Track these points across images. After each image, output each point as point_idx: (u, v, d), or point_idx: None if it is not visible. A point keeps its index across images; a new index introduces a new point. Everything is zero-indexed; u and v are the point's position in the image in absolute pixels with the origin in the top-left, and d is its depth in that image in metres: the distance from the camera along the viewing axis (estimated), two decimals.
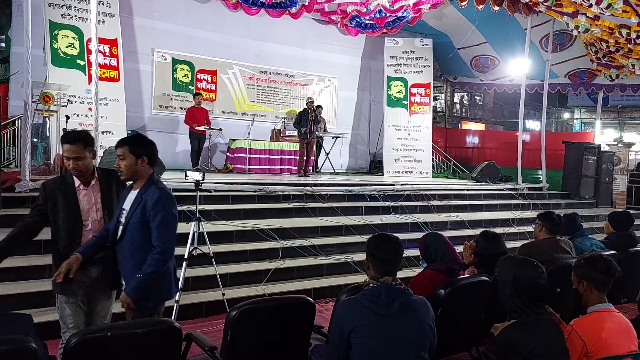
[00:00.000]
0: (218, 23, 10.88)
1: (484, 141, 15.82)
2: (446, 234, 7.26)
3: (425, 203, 8.47)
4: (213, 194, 6.91)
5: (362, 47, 13.18)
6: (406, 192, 8.54)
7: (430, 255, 3.44)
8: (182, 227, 5.45)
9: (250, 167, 10.32)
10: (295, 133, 10.77)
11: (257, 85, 11.82)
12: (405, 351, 2.34)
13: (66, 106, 6.62)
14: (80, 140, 2.97)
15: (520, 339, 2.42)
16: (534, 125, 25.99)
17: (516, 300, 2.51)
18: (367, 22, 11.54)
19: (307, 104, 10.28)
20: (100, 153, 7.06)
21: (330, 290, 5.46)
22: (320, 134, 11.42)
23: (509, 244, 4.34)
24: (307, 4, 10.40)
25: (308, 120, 10.03)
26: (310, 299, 2.88)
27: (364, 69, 13.38)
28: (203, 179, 4.65)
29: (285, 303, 2.92)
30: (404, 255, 2.54)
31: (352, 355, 2.36)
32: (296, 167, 10.55)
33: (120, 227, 2.92)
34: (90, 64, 7.86)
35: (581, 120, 26.39)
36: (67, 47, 8.16)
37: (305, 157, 10.31)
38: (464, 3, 9.93)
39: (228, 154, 10.71)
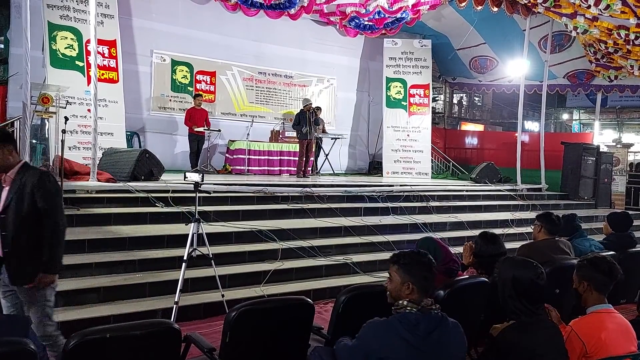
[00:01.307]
0: (217, 24, 10.88)
1: (483, 142, 15.83)
2: (445, 234, 7.38)
3: (424, 204, 8.47)
4: (212, 195, 6.91)
5: (361, 48, 13.19)
6: (405, 193, 8.53)
7: None
8: (181, 229, 5.50)
9: (250, 168, 10.31)
10: (294, 134, 10.77)
11: (256, 87, 11.82)
12: None
13: (65, 107, 6.60)
14: None
15: (520, 339, 2.42)
16: (532, 126, 26.04)
17: (515, 301, 2.52)
18: (366, 23, 11.55)
19: (304, 106, 10.26)
20: (99, 154, 7.07)
21: (329, 291, 5.45)
22: (320, 135, 11.43)
23: (508, 245, 4.33)
24: (306, 5, 10.41)
25: (307, 121, 10.02)
26: (309, 300, 2.88)
27: (363, 70, 13.39)
28: (202, 180, 4.65)
29: (284, 304, 2.91)
30: None
31: None
32: (295, 168, 10.55)
33: None
34: (89, 65, 7.86)
35: (580, 121, 26.44)
36: (66, 48, 8.16)
37: (304, 158, 10.31)
38: (463, 4, 9.93)
39: (227, 155, 10.71)
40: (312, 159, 11.00)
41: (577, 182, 11.14)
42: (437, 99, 20.54)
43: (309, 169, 10.66)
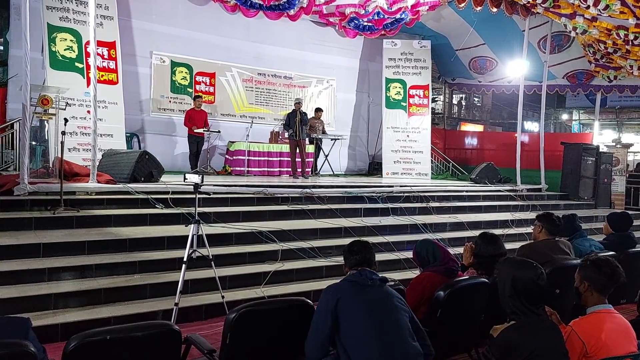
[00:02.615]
0: (216, 25, 10.89)
1: (483, 142, 15.83)
2: (445, 235, 7.39)
3: (424, 205, 8.46)
4: (212, 196, 6.91)
5: (360, 49, 13.20)
6: (405, 194, 8.52)
7: (424, 260, 3.52)
8: (181, 230, 5.50)
9: (249, 169, 10.32)
10: None
11: (256, 88, 11.83)
12: (394, 318, 2.54)
13: (65, 109, 6.61)
14: None
15: (520, 340, 2.42)
16: (532, 126, 26.05)
17: (516, 301, 2.51)
18: (365, 24, 11.55)
19: (295, 104, 10.30)
20: (99, 156, 7.07)
21: None
22: (319, 136, 11.43)
23: (508, 245, 4.33)
24: (305, 6, 10.42)
25: (295, 121, 10.04)
26: (309, 300, 2.88)
27: (363, 71, 13.40)
28: (202, 182, 4.64)
29: (285, 305, 2.91)
30: (404, 257, 2.57)
31: (340, 331, 2.49)
32: None
33: None
34: (88, 66, 7.87)
35: (579, 121, 26.45)
36: (65, 50, 8.17)
37: (300, 159, 10.31)
38: (462, 5, 9.93)
39: (227, 156, 10.71)
40: (311, 159, 11.01)
41: (576, 182, 11.14)
42: (436, 99, 20.54)
43: (308, 170, 10.66)
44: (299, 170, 10.32)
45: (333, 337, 2.54)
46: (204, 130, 9.96)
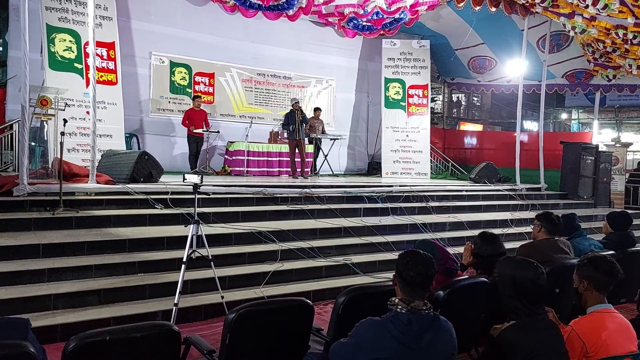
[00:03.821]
0: (215, 26, 10.89)
1: (482, 142, 15.83)
2: (445, 235, 7.39)
3: (423, 204, 8.47)
4: (211, 196, 6.91)
5: (359, 49, 13.20)
6: (404, 194, 8.53)
7: None
8: (180, 230, 5.49)
9: (249, 169, 10.33)
10: None
11: (255, 88, 11.83)
12: None
13: (64, 110, 6.61)
14: None
15: (520, 339, 2.42)
16: (531, 125, 26.04)
17: (515, 301, 2.51)
18: (364, 24, 11.54)
19: (292, 105, 10.30)
20: (98, 156, 7.06)
21: (329, 292, 5.44)
22: (319, 136, 11.44)
23: (508, 245, 4.33)
24: (304, 6, 10.40)
25: (295, 121, 10.04)
26: (308, 301, 2.87)
27: (362, 71, 13.40)
28: (201, 182, 4.64)
29: (284, 305, 2.90)
30: None
31: None
32: None
33: None
34: (87, 67, 7.87)
35: (579, 120, 26.43)
36: (64, 50, 8.16)
37: (299, 159, 10.30)
38: (461, 4, 9.94)
39: (226, 156, 10.71)
40: (310, 159, 11.01)
41: (576, 181, 11.15)
42: (435, 99, 20.53)
43: (308, 170, 10.65)
44: (299, 170, 10.32)
45: None
46: (203, 131, 9.96)
